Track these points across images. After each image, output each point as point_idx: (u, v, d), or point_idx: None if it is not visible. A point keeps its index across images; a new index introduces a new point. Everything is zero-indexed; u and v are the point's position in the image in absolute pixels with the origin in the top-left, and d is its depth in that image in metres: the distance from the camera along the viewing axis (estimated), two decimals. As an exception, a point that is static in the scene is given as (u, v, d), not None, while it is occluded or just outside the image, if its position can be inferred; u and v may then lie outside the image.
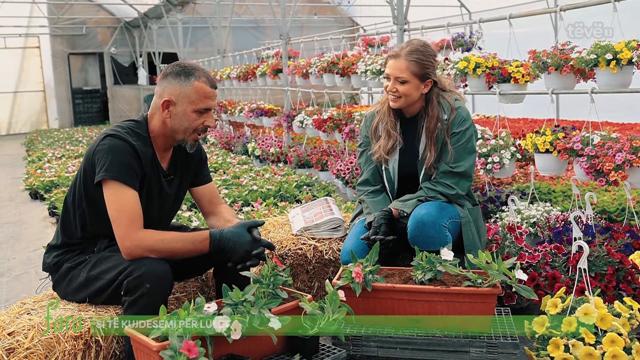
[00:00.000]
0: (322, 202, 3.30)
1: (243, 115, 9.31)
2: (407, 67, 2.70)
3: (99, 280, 2.29)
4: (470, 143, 2.76)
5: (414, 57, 2.72)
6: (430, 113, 2.76)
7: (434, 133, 2.75)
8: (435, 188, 2.73)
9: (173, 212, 2.63)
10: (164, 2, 13.75)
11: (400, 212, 2.65)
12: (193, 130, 2.37)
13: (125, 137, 2.30)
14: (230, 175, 6.42)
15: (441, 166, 2.75)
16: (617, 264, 2.64)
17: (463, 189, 2.75)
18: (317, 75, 6.92)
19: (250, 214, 4.54)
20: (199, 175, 2.64)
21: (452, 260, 2.15)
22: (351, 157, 6.19)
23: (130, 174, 2.26)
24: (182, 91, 2.33)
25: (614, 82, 3.62)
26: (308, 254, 2.92)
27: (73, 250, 2.44)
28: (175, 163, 2.52)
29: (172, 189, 2.50)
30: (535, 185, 5.31)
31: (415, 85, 2.73)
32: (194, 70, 2.35)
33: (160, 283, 2.16)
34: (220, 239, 2.26)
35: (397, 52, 2.75)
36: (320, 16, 17.20)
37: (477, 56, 4.47)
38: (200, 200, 2.66)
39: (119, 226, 2.23)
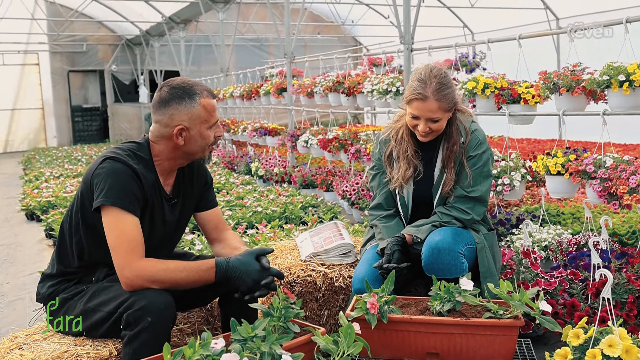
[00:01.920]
0: (332, 226, 3.22)
1: (246, 135, 9.25)
2: (438, 107, 2.58)
3: (97, 313, 2.17)
4: (486, 167, 2.69)
5: (443, 95, 2.58)
6: (451, 137, 2.69)
7: (452, 158, 2.68)
8: (449, 213, 2.65)
9: (176, 238, 2.53)
10: (166, 20, 13.79)
11: (414, 238, 2.57)
12: (209, 145, 2.33)
13: (125, 160, 2.20)
14: (233, 196, 6.34)
15: (456, 190, 2.67)
16: (637, 292, 2.55)
17: (478, 214, 2.68)
18: (322, 95, 6.87)
19: (255, 236, 4.45)
20: (204, 200, 2.54)
21: (472, 290, 2.07)
22: (357, 177, 6.12)
23: (131, 199, 2.17)
24: (192, 114, 2.24)
25: (626, 103, 3.57)
26: (318, 281, 2.83)
27: (69, 280, 2.33)
28: (179, 187, 2.43)
29: (175, 214, 2.41)
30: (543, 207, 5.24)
31: (446, 118, 2.65)
32: (194, 87, 2.27)
33: (163, 316, 2.06)
34: (227, 268, 2.17)
35: (423, 94, 2.57)
36: (323, 35, 17.25)
37: (485, 76, 4.42)
38: (205, 225, 2.56)
39: (118, 254, 2.13)
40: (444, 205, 2.70)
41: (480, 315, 2.08)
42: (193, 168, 2.48)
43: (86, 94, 18.80)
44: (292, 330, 1.93)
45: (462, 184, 2.66)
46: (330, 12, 14.99)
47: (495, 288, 2.06)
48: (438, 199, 2.71)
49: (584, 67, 3.84)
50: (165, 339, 2.07)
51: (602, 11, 10.04)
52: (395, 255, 2.49)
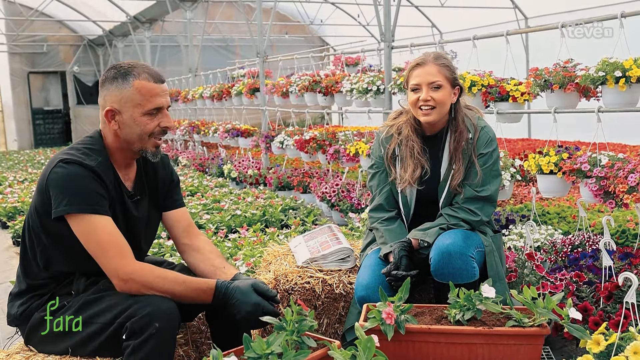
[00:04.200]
0: (326, 230, 3.07)
1: (217, 136, 9.02)
2: (438, 71, 2.51)
3: (89, 326, 1.96)
4: (496, 166, 2.57)
5: (443, 61, 2.55)
6: (457, 129, 2.56)
7: (460, 149, 2.55)
8: (457, 215, 2.52)
9: (148, 238, 2.32)
10: (131, 20, 13.44)
11: (421, 243, 2.44)
12: (149, 135, 2.09)
13: (81, 161, 2.00)
14: (209, 199, 6.13)
15: (465, 190, 2.54)
16: (651, 294, 2.46)
17: (487, 214, 2.56)
18: (297, 95, 6.71)
19: (238, 241, 4.27)
20: (170, 199, 2.35)
21: (495, 297, 1.94)
22: (336, 179, 5.98)
23: (96, 200, 1.97)
24: (123, 96, 2.04)
25: (621, 100, 3.50)
26: (316, 288, 2.67)
27: (41, 295, 2.10)
28: (141, 182, 2.23)
29: (140, 212, 2.20)
30: (528, 206, 5.18)
31: (448, 92, 2.53)
32: (131, 68, 2.06)
33: (170, 321, 1.90)
34: (226, 292, 2.01)
35: (422, 60, 2.55)
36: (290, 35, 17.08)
37: (472, 74, 4.33)
38: (173, 227, 2.35)
39: (108, 260, 1.96)
40: (451, 207, 2.57)
41: (502, 324, 1.96)
42: (154, 164, 2.28)
43: (47, 96, 18.18)
44: (307, 345, 1.77)
45: (472, 183, 2.54)
46: (298, 12, 14.83)
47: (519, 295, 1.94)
48: (445, 197, 2.58)
49: (575, 64, 3.78)
50: (172, 347, 1.93)
51: (571, 10, 10.15)
52: (403, 262, 2.35)
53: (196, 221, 5.10)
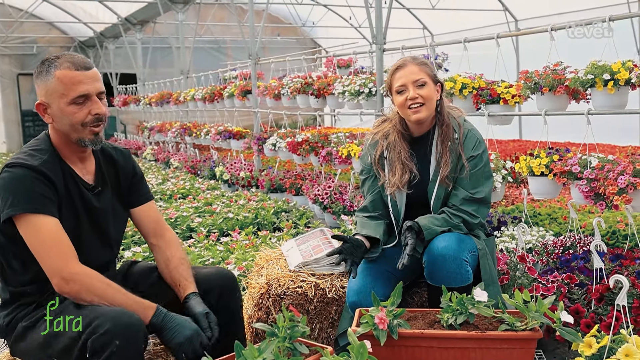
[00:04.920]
0: (318, 233, 3.07)
1: (209, 138, 9.01)
2: (420, 69, 2.57)
3: (60, 339, 1.91)
4: (487, 167, 2.59)
5: (421, 61, 2.62)
6: (444, 123, 2.60)
7: (448, 142, 2.57)
8: (459, 214, 2.54)
9: (115, 231, 2.26)
10: (122, 21, 13.39)
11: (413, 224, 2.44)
12: (81, 124, 2.05)
13: (24, 163, 1.99)
14: (201, 202, 6.11)
15: (460, 193, 2.55)
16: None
17: (483, 216, 2.59)
18: (290, 97, 6.71)
19: (230, 244, 4.26)
20: (136, 194, 2.33)
21: (487, 300, 1.95)
22: (328, 181, 5.99)
23: (41, 201, 1.96)
24: (48, 88, 2.04)
25: (610, 102, 3.53)
26: (309, 293, 2.67)
27: (28, 304, 2.07)
28: (102, 175, 2.22)
29: (103, 203, 2.18)
30: (519, 208, 5.20)
31: (433, 88, 2.57)
32: (54, 60, 2.05)
33: (132, 337, 1.83)
34: (165, 318, 1.98)
35: (402, 62, 2.61)
36: (282, 37, 17.08)
37: (463, 77, 4.35)
38: (141, 224, 2.33)
39: (51, 259, 1.94)
40: (450, 208, 2.58)
41: (494, 328, 1.96)
42: (113, 156, 2.28)
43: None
44: (299, 351, 1.76)
45: (466, 187, 2.55)
46: (290, 14, 14.84)
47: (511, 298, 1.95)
48: (435, 197, 2.58)
49: (565, 66, 3.80)
50: None
51: (560, 13, 10.21)
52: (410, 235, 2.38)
53: (187, 224, 5.09)
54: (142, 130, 13.42)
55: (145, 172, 9.36)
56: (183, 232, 5.01)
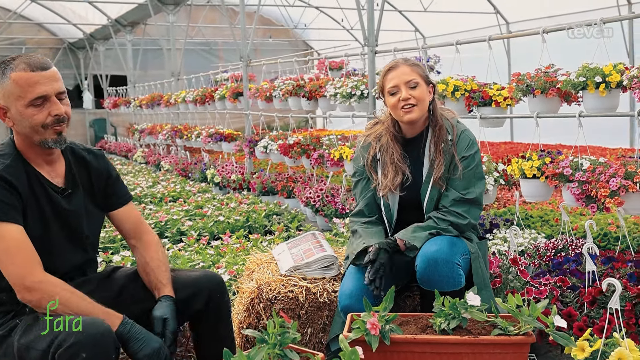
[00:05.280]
0: (310, 237, 3.04)
1: (200, 141, 8.96)
2: (412, 70, 2.56)
3: (30, 352, 1.87)
4: (479, 168, 2.57)
5: (413, 62, 2.61)
6: (437, 124, 2.58)
7: (441, 143, 2.56)
8: (446, 218, 2.51)
9: (89, 233, 2.20)
10: (112, 23, 13.32)
11: (407, 243, 2.41)
12: (42, 126, 2.00)
13: None
14: (192, 205, 6.07)
15: (451, 193, 2.53)
16: (634, 299, 2.47)
17: (475, 217, 2.56)
18: (281, 99, 6.68)
19: (220, 248, 4.23)
20: (114, 195, 2.27)
21: (480, 305, 1.93)
22: (320, 184, 5.96)
23: (2, 208, 1.92)
24: (5, 91, 1.99)
25: (601, 105, 3.53)
26: (300, 297, 2.65)
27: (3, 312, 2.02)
28: (72, 177, 2.17)
29: (74, 205, 2.13)
30: (511, 210, 5.20)
31: (425, 89, 2.56)
32: (9, 62, 1.99)
33: (101, 348, 1.76)
34: (131, 329, 1.93)
35: (394, 64, 2.61)
36: (274, 39, 17.05)
37: (455, 79, 4.34)
38: (121, 224, 2.28)
39: (14, 267, 1.89)
40: (439, 211, 2.56)
41: (487, 332, 1.94)
42: (84, 156, 2.23)
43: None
44: (290, 358, 1.74)
45: (457, 186, 2.53)
46: (282, 16, 14.82)
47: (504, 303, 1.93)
48: (428, 199, 2.56)
49: (556, 69, 3.80)
50: None
51: (551, 16, 10.25)
52: (380, 255, 2.33)
53: (178, 228, 5.05)
54: (132, 133, 13.35)
55: (135, 175, 9.30)
56: (173, 236, 4.97)
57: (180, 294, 2.16)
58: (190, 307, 2.17)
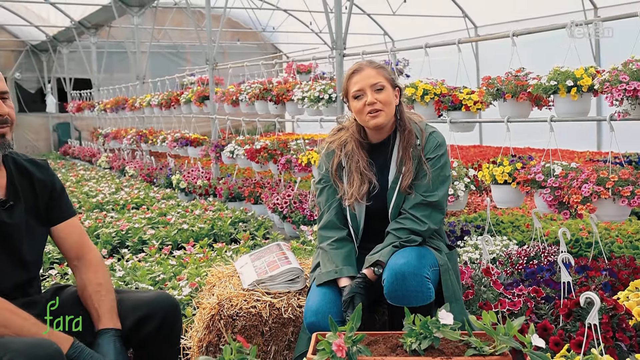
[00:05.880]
0: (275, 248, 2.89)
1: (166, 145, 8.73)
2: (377, 73, 2.44)
3: None
4: (444, 171, 2.45)
5: (378, 64, 2.49)
6: (405, 129, 2.46)
7: (408, 151, 2.43)
8: (404, 226, 2.38)
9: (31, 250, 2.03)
10: (75, 25, 12.98)
11: (376, 271, 2.29)
12: None
13: None
14: (155, 212, 5.86)
15: (413, 197, 2.41)
16: (610, 310, 2.38)
17: (435, 222, 2.42)
18: (248, 103, 6.52)
19: (183, 258, 4.05)
20: (56, 209, 2.12)
21: (454, 323, 1.81)
22: (288, 189, 5.82)
23: None
24: None
25: (573, 109, 3.47)
26: (263, 313, 2.50)
27: None
28: (14, 188, 2.02)
29: (15, 218, 1.98)
30: (482, 215, 5.12)
31: (391, 92, 2.44)
32: None
33: None
34: (82, 352, 1.79)
35: (358, 66, 2.48)
36: (242, 42, 16.85)
37: (424, 82, 4.24)
38: (63, 241, 2.11)
39: None
40: (396, 219, 2.43)
41: (461, 352, 1.82)
42: (27, 167, 2.09)
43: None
44: (248, 387, 1.59)
45: (419, 187, 2.41)
46: (250, 19, 14.64)
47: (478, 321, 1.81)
48: (393, 206, 2.44)
49: (527, 72, 3.72)
50: None
51: (519, 20, 10.29)
52: (356, 300, 2.20)
53: (139, 236, 4.85)
54: (96, 137, 13.01)
55: (98, 181, 9.02)
56: (135, 245, 4.76)
57: (129, 318, 2.00)
58: (140, 331, 2.00)
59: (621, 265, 3.19)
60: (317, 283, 2.37)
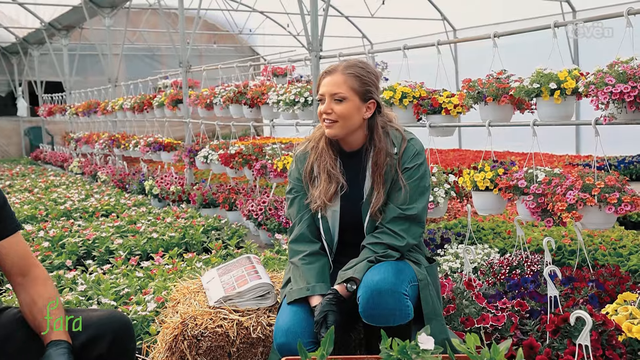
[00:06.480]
0: (244, 261, 2.71)
1: (139, 150, 8.49)
2: (344, 81, 2.23)
3: None
4: (423, 181, 2.28)
5: (352, 71, 2.26)
6: (376, 145, 2.27)
7: (382, 169, 2.26)
8: (381, 240, 2.21)
9: None
10: (46, 27, 12.65)
11: (349, 288, 2.12)
12: None
13: None
14: (125, 220, 5.63)
15: (389, 209, 2.24)
16: (599, 327, 2.24)
17: (414, 237, 2.25)
18: (222, 106, 6.32)
19: (150, 270, 3.84)
20: None
21: (434, 348, 1.65)
22: (263, 195, 5.63)
23: None
24: None
25: (557, 113, 3.34)
26: (230, 332, 2.31)
27: None
28: None
29: None
30: (462, 222, 4.99)
31: (355, 105, 2.24)
32: None
33: None
34: None
35: (332, 68, 2.29)
36: (219, 45, 16.62)
37: (403, 85, 4.09)
38: (5, 258, 1.91)
39: None
40: (373, 233, 2.27)
41: (443, 379, 1.66)
42: None
43: None
44: None
45: (396, 201, 2.24)
46: (227, 21, 14.44)
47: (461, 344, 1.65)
48: (369, 221, 2.27)
49: (509, 75, 3.60)
50: None
51: (498, 22, 10.24)
52: (329, 319, 2.03)
53: (106, 246, 4.63)
54: (68, 142, 12.69)
55: (68, 187, 8.73)
56: (101, 256, 4.54)
57: (78, 338, 1.81)
58: (90, 353, 1.81)
59: (607, 275, 3.06)
60: (287, 301, 2.20)
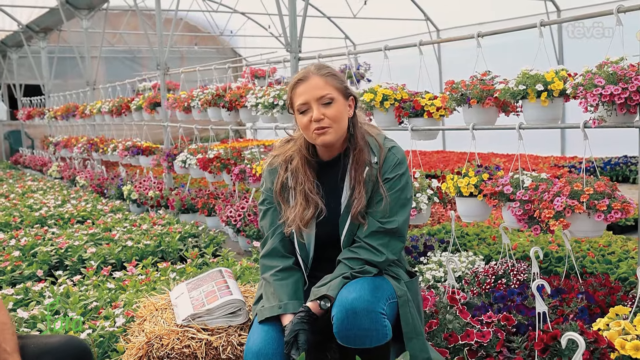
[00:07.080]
0: (215, 275, 2.55)
1: (117, 154, 8.29)
2: (326, 83, 2.09)
3: None
4: (405, 193, 2.14)
5: (327, 71, 2.14)
6: (357, 147, 2.14)
7: (359, 172, 2.12)
8: (358, 256, 2.07)
9: None
10: (23, 29, 12.39)
11: (322, 305, 1.98)
12: None
13: None
14: (100, 227, 5.44)
15: (369, 222, 2.10)
16: (591, 345, 2.11)
17: (394, 251, 2.11)
18: (200, 110, 6.15)
19: (123, 281, 3.67)
20: None
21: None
22: (242, 201, 5.47)
23: None
24: None
25: (544, 116, 3.21)
26: (198, 353, 2.16)
27: None
28: None
29: None
30: (446, 227, 4.86)
31: (343, 104, 2.12)
32: None
33: None
34: None
35: (304, 74, 2.13)
36: (200, 47, 16.41)
37: (384, 87, 3.96)
38: None
39: None
40: (350, 247, 2.12)
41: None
42: None
43: None
44: None
45: (376, 213, 2.10)
46: (208, 23, 14.24)
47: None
48: (346, 233, 2.13)
49: (493, 76, 3.47)
50: None
51: (481, 22, 10.17)
52: (300, 339, 1.89)
53: (79, 255, 4.44)
54: (47, 146, 12.43)
55: (46, 192, 8.50)
56: (74, 265, 4.35)
57: None
58: None
59: (596, 285, 2.94)
60: (259, 319, 2.05)
